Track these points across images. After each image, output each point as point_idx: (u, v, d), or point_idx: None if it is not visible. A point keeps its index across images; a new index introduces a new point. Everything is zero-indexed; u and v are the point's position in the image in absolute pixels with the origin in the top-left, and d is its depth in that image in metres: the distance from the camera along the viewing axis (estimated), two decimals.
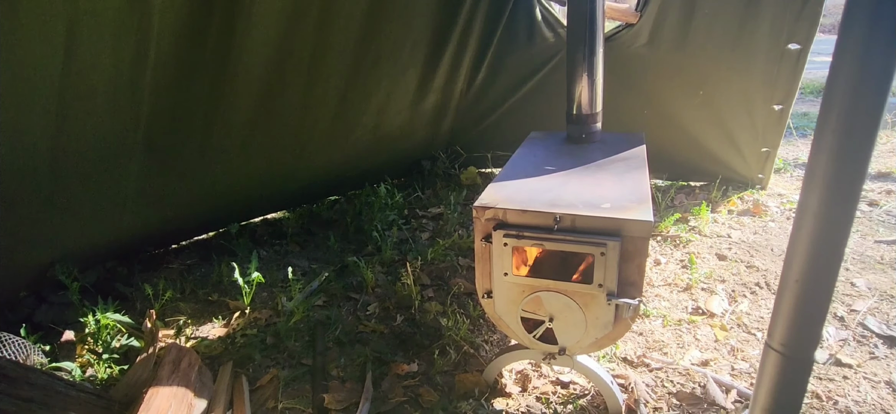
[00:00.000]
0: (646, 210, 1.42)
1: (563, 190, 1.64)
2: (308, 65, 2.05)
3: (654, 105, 2.70)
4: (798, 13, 2.14)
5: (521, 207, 1.49)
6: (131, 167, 1.87)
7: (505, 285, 1.55)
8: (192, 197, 2.32)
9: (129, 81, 1.57)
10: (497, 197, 1.58)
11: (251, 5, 1.66)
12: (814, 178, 1.06)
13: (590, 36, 1.96)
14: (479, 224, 1.54)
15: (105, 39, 1.40)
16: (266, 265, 2.66)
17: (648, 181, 1.69)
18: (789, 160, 3.79)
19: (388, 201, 2.95)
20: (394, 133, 2.80)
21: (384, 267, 2.57)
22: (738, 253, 2.56)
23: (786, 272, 1.14)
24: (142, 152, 1.85)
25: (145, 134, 1.79)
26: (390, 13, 2.08)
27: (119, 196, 1.94)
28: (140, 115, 1.71)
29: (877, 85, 0.92)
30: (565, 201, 1.53)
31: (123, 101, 1.61)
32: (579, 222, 1.43)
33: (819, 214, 1.05)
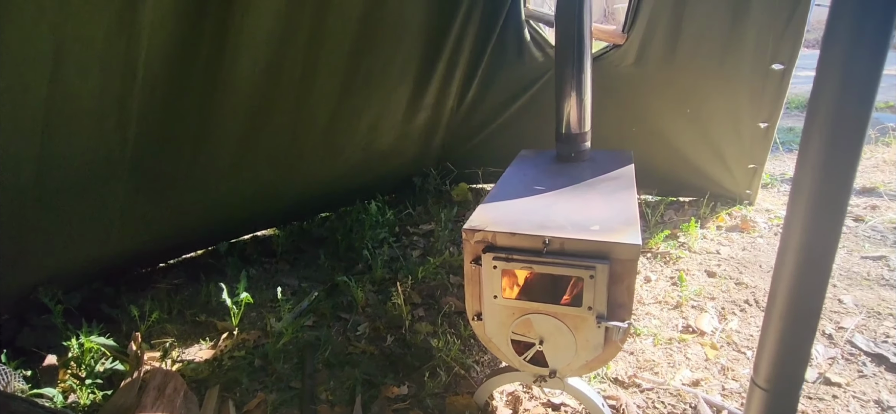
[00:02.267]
0: (634, 232, 1.42)
1: (553, 211, 1.65)
2: (298, 84, 2.05)
3: (642, 122, 2.73)
4: (781, 34, 2.19)
5: (510, 229, 1.49)
6: (118, 188, 1.85)
7: (495, 308, 1.55)
8: (180, 217, 2.30)
9: (116, 103, 1.56)
10: (486, 219, 1.59)
11: (241, 26, 1.67)
12: (799, 196, 1.04)
13: (578, 57, 1.98)
14: (468, 246, 1.54)
15: (92, 63, 1.39)
16: (255, 284, 2.63)
17: (636, 202, 1.70)
18: (776, 175, 3.84)
19: (379, 219, 2.94)
20: (385, 150, 2.80)
21: (375, 286, 2.56)
22: (727, 269, 2.58)
23: (770, 308, 1.15)
24: (129, 173, 1.83)
25: (133, 154, 1.77)
26: (381, 33, 2.10)
27: (105, 217, 1.92)
28: (127, 136, 1.69)
29: (860, 99, 0.93)
30: (554, 223, 1.53)
31: (110, 123, 1.60)
32: (568, 245, 1.43)
33: (803, 244, 1.05)
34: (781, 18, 2.14)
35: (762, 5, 2.14)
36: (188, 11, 1.53)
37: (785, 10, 2.12)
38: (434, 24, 2.23)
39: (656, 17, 2.25)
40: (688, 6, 2.21)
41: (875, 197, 3.36)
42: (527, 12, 2.50)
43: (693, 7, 2.21)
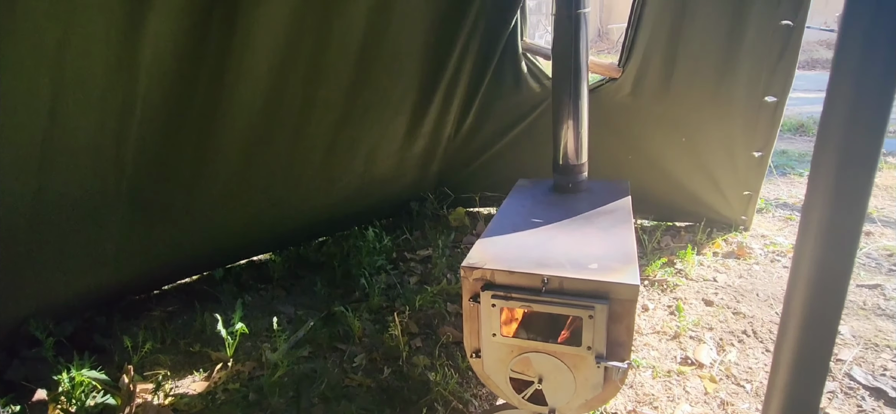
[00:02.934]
0: (632, 272, 1.42)
1: (551, 247, 1.65)
2: (297, 116, 2.06)
3: (638, 151, 2.76)
4: (773, 68, 2.23)
5: (508, 267, 1.49)
6: (113, 219, 1.84)
7: (493, 346, 1.54)
8: (176, 246, 2.29)
9: (114, 138, 1.56)
10: (485, 256, 1.58)
11: (240, 62, 1.68)
12: (809, 229, 1.01)
13: (574, 90, 2.00)
14: (466, 284, 1.54)
15: (91, 102, 1.39)
16: (251, 311, 2.60)
17: (634, 236, 1.71)
18: (770, 200, 3.87)
19: (376, 245, 2.93)
20: (382, 177, 2.81)
21: (372, 314, 2.54)
22: (724, 298, 2.58)
23: (777, 357, 1.13)
24: (125, 205, 1.82)
25: (129, 187, 1.76)
26: (379, 66, 2.12)
27: (100, 249, 1.90)
28: (124, 170, 1.69)
29: (872, 125, 0.90)
30: (553, 260, 1.53)
31: (107, 157, 1.60)
32: (567, 284, 1.43)
33: (814, 280, 1.02)
34: (773, 54, 2.18)
35: (754, 42, 2.18)
36: (187, 50, 1.54)
37: (776, 46, 2.16)
38: (432, 57, 2.25)
39: (650, 53, 2.29)
40: (681, 42, 2.25)
41: (869, 222, 3.39)
42: (524, 46, 2.54)
43: (686, 43, 2.25)
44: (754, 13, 2.11)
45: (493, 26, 2.27)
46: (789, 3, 2.06)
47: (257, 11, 1.57)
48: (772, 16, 2.10)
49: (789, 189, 4.16)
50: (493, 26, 2.27)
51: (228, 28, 1.56)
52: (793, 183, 4.31)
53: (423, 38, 2.15)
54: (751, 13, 2.11)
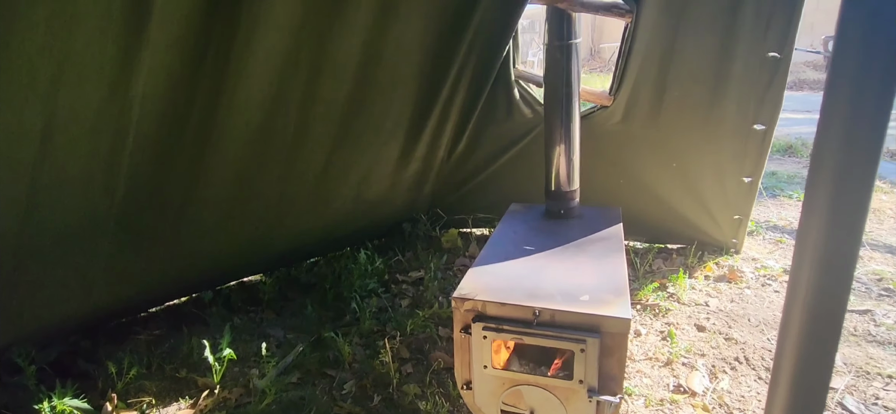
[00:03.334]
0: (624, 304, 1.42)
1: (543, 276, 1.65)
2: (290, 142, 2.06)
3: (629, 175, 2.78)
4: (761, 98, 2.27)
5: (500, 299, 1.48)
6: (102, 246, 1.81)
7: (484, 378, 1.52)
8: (165, 270, 2.26)
9: (105, 166, 1.54)
10: (476, 286, 1.58)
11: (235, 91, 1.68)
12: (804, 254, 0.99)
13: (566, 118, 2.02)
14: (458, 314, 1.53)
15: (83, 133, 1.38)
16: (239, 334, 2.56)
17: (626, 266, 1.71)
18: (760, 222, 3.90)
19: (368, 268, 2.91)
20: (375, 199, 2.80)
21: (362, 339, 2.51)
22: (716, 323, 2.58)
23: (774, 383, 1.11)
24: (114, 231, 1.80)
25: (119, 214, 1.74)
26: (373, 93, 2.13)
27: (87, 276, 1.87)
28: (115, 197, 1.67)
29: (867, 146, 0.90)
30: (545, 292, 1.53)
31: (97, 186, 1.58)
32: (559, 317, 1.42)
33: (810, 304, 1.00)
34: (761, 84, 2.23)
35: (742, 73, 2.23)
36: (182, 80, 1.54)
37: (764, 77, 2.20)
38: (426, 84, 2.27)
39: (641, 82, 2.33)
40: (671, 73, 2.29)
41: None
42: (516, 73, 2.57)
43: (676, 73, 2.29)
44: (742, 46, 2.15)
45: (486, 55, 2.30)
46: (776, 37, 2.11)
47: (252, 45, 1.58)
48: (759, 48, 2.14)
49: (779, 211, 4.20)
50: (486, 55, 2.30)
51: (223, 60, 1.56)
52: (782, 205, 4.36)
53: (418, 66, 2.17)
54: (739, 46, 2.15)
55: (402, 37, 1.94)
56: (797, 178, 5.08)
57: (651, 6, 2.08)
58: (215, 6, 1.41)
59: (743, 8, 2.06)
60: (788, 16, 2.06)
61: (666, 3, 2.08)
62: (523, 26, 2.31)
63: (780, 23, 2.08)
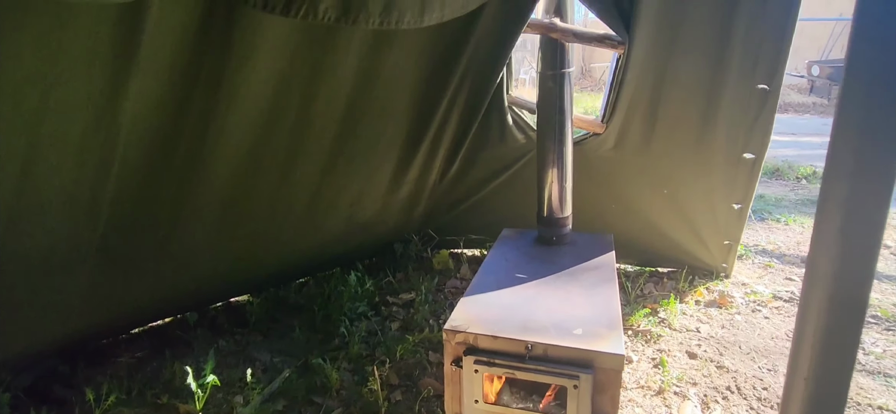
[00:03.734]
0: (617, 339, 1.41)
1: (535, 307, 1.63)
2: (281, 166, 2.03)
3: (620, 200, 2.79)
4: (750, 128, 2.31)
5: (492, 332, 1.46)
6: (83, 271, 1.76)
7: (475, 412, 1.49)
8: (149, 292, 2.20)
9: (88, 194, 1.50)
10: (468, 317, 1.55)
11: (225, 117, 1.65)
12: (815, 288, 0.96)
13: (559, 146, 2.03)
14: (449, 347, 1.50)
15: (67, 159, 1.34)
16: (224, 358, 2.50)
17: (618, 296, 1.70)
18: (749, 246, 3.93)
19: (357, 290, 2.86)
20: (366, 221, 2.77)
21: (351, 364, 2.46)
22: (708, 350, 2.58)
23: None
24: (96, 256, 1.75)
25: (103, 239, 1.69)
26: (366, 119, 2.12)
27: (68, 300, 1.81)
28: (98, 222, 1.62)
29: (881, 172, 0.87)
30: (537, 324, 1.51)
31: (80, 212, 1.53)
32: (552, 351, 1.40)
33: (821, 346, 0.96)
34: (750, 115, 2.26)
35: (732, 104, 2.26)
36: (171, 105, 1.51)
37: (753, 108, 2.24)
38: (419, 110, 2.27)
39: (633, 111, 2.36)
40: (662, 102, 2.32)
41: None
42: (509, 99, 2.58)
43: (667, 103, 2.33)
44: (732, 78, 2.18)
45: (480, 81, 2.30)
46: (765, 69, 2.14)
47: (244, 71, 1.55)
48: (748, 80, 2.18)
49: (767, 235, 4.24)
50: (480, 81, 2.30)
51: (215, 85, 1.53)
52: (771, 229, 4.40)
53: (412, 92, 2.17)
54: (728, 78, 2.19)
55: (397, 64, 1.94)
56: (784, 202, 5.15)
57: (643, 38, 2.11)
58: (207, 32, 1.39)
59: (733, 41, 2.10)
60: (777, 49, 2.10)
61: (657, 35, 2.11)
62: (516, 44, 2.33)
63: (769, 56, 2.12)
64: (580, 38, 2.02)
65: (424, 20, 1.51)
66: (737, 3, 2.02)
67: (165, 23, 1.28)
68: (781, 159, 6.51)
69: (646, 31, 2.08)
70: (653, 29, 2.09)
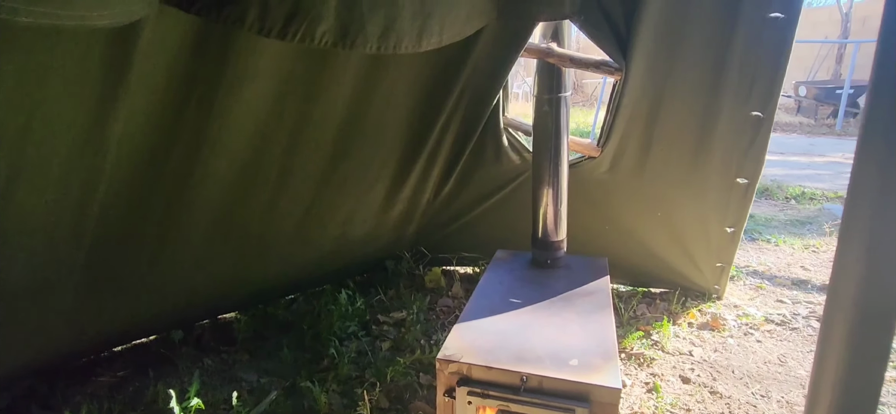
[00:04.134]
0: (614, 371, 1.38)
1: (530, 335, 1.60)
2: (273, 186, 2.00)
3: (615, 222, 2.79)
4: (744, 154, 2.32)
5: (486, 362, 1.43)
6: (66, 292, 1.70)
7: None
8: (134, 310, 2.14)
9: (73, 213, 1.45)
10: (461, 345, 1.52)
11: (218, 137, 1.62)
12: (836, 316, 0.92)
13: (554, 170, 2.02)
14: (441, 377, 1.47)
15: (50, 182, 1.30)
16: (210, 377, 2.44)
17: (614, 323, 1.68)
18: (741, 267, 3.95)
19: (348, 309, 2.82)
20: (358, 239, 2.74)
21: (340, 386, 2.40)
22: (701, 375, 2.56)
23: None
24: (81, 274, 1.70)
25: (87, 260, 1.64)
26: (360, 140, 2.10)
27: (48, 323, 1.75)
28: (83, 241, 1.57)
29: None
30: (532, 354, 1.49)
31: (64, 234, 1.48)
32: (547, 384, 1.38)
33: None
34: (744, 141, 2.28)
35: (726, 130, 2.28)
36: (161, 126, 1.48)
37: (747, 133, 2.26)
38: (413, 132, 2.25)
39: (628, 135, 2.37)
40: (657, 128, 2.34)
41: None
42: (505, 121, 2.58)
43: (662, 128, 2.34)
44: (726, 105, 2.20)
45: (475, 104, 2.30)
46: (759, 96, 2.16)
47: (238, 92, 1.53)
48: (743, 107, 2.20)
49: (758, 256, 4.26)
50: (475, 104, 2.30)
51: (207, 105, 1.50)
52: (761, 249, 4.43)
53: (407, 114, 2.15)
54: (723, 104, 2.20)
55: (393, 86, 1.92)
56: (774, 222, 5.19)
57: (640, 65, 2.12)
58: (201, 55, 1.36)
59: (728, 69, 2.12)
60: (772, 77, 2.12)
61: (654, 62, 2.12)
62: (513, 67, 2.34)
63: (763, 83, 2.14)
64: (577, 63, 2.02)
65: (422, 45, 1.49)
66: (733, 32, 2.04)
67: (159, 44, 1.25)
68: (770, 179, 6.59)
69: (642, 59, 2.09)
70: (649, 56, 2.10)
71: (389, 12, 1.41)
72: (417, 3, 1.46)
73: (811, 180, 6.65)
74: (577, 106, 13.76)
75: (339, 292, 2.92)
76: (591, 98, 14.54)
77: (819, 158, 8.17)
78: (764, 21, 1.98)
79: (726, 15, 2.01)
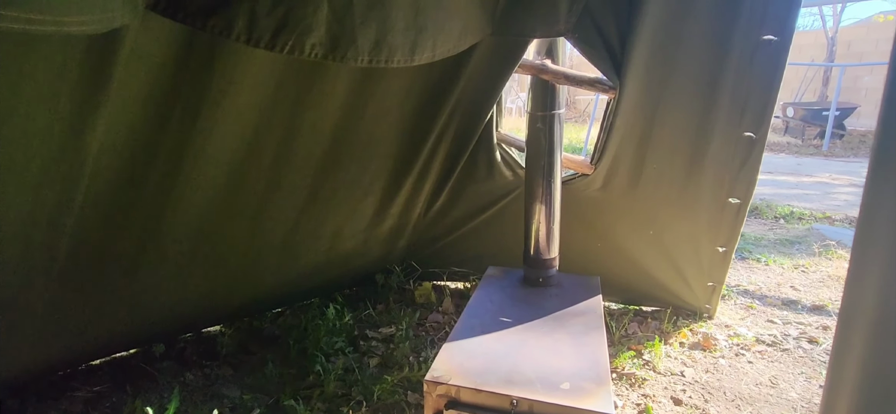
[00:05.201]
0: (606, 397, 1.35)
1: (521, 356, 1.56)
2: (260, 199, 1.95)
3: (606, 240, 2.78)
4: (736, 174, 2.33)
5: (475, 385, 1.39)
6: (40, 303, 1.64)
7: None
8: (112, 323, 2.07)
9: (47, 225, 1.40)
10: (450, 367, 1.48)
11: (202, 147, 1.58)
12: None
13: (547, 187, 2.00)
14: (429, 399, 1.42)
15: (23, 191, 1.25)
16: (190, 394, 2.36)
17: (606, 345, 1.65)
18: (731, 286, 3.95)
19: (335, 324, 2.76)
20: (347, 253, 2.69)
21: (325, 404, 2.34)
22: (692, 396, 2.53)
23: None
24: (55, 288, 1.63)
25: (62, 271, 1.58)
26: (351, 153, 2.07)
27: (21, 332, 1.68)
28: (57, 257, 1.52)
29: None
30: (523, 376, 1.45)
31: (37, 245, 1.43)
32: (537, 408, 1.34)
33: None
34: (736, 161, 2.28)
35: (718, 150, 2.29)
36: (143, 137, 1.43)
37: (740, 154, 2.26)
38: (405, 145, 2.23)
39: (621, 155, 2.37)
40: (650, 147, 2.34)
41: (824, 315, 3.47)
42: (498, 136, 2.57)
43: (654, 148, 2.35)
44: (719, 125, 2.21)
45: (468, 119, 2.29)
46: (752, 118, 2.17)
47: (223, 105, 1.49)
48: (735, 128, 2.20)
49: (748, 275, 4.27)
50: (468, 119, 2.29)
51: (192, 116, 1.47)
52: (751, 268, 4.44)
53: (398, 128, 2.13)
54: (716, 125, 2.21)
55: (385, 99, 1.90)
56: (764, 241, 5.22)
57: (634, 84, 2.12)
58: (186, 64, 1.33)
59: (721, 90, 2.12)
60: (765, 99, 2.13)
61: (648, 82, 2.13)
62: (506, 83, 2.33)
63: (756, 105, 2.15)
64: (571, 80, 2.01)
65: (415, 59, 1.47)
66: (726, 54, 2.05)
67: (142, 53, 1.22)
68: (759, 198, 6.64)
69: (637, 78, 2.10)
70: (644, 75, 2.10)
71: (381, 26, 1.39)
72: (410, 17, 1.44)
73: (799, 200, 6.72)
74: (570, 122, 13.85)
75: (326, 306, 2.86)
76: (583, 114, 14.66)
77: (807, 178, 8.28)
78: (757, 43, 1.99)
79: (720, 36, 2.03)
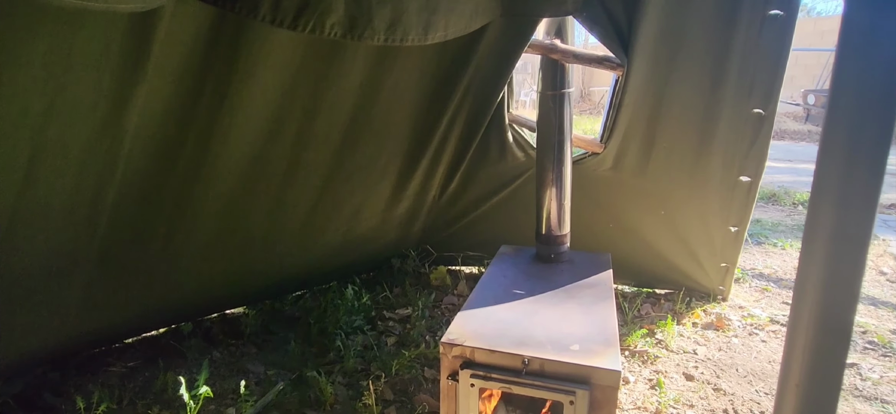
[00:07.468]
0: (614, 356, 1.41)
1: (532, 323, 1.63)
2: (281, 178, 2.05)
3: (618, 220, 2.81)
4: (746, 152, 2.34)
5: (489, 346, 1.46)
6: (79, 279, 1.76)
7: None
8: (145, 301, 2.19)
9: (90, 199, 1.51)
10: (465, 331, 1.55)
11: (230, 127, 1.67)
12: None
13: (558, 165, 2.05)
14: (445, 360, 1.50)
15: (70, 165, 1.36)
16: (218, 369, 2.48)
17: (615, 315, 1.70)
18: (746, 270, 3.94)
19: (354, 304, 2.85)
20: (364, 236, 2.78)
21: (345, 378, 2.44)
22: (704, 373, 2.56)
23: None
24: (94, 263, 1.75)
25: (101, 247, 1.70)
26: (367, 134, 2.15)
27: (62, 308, 1.80)
28: (97, 229, 1.63)
29: (864, 198, 0.89)
30: (534, 339, 1.51)
31: (81, 218, 1.54)
32: (548, 366, 1.40)
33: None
34: (746, 139, 2.30)
35: (728, 128, 2.30)
36: (176, 114, 1.53)
37: (749, 132, 2.28)
38: (420, 127, 2.30)
39: (631, 133, 2.40)
40: (659, 125, 2.36)
41: None
42: (510, 117, 2.62)
43: (664, 126, 2.37)
44: (728, 102, 2.22)
45: (481, 100, 2.34)
46: (760, 94, 2.19)
47: (249, 84, 1.58)
48: (744, 105, 2.22)
49: (764, 259, 4.25)
50: (481, 100, 2.34)
51: (220, 95, 1.56)
52: (768, 253, 4.41)
53: (413, 109, 2.20)
54: (725, 102, 2.23)
55: (399, 80, 1.97)
56: (781, 227, 5.17)
57: (642, 62, 2.15)
58: (215, 44, 1.42)
59: (729, 67, 2.14)
60: (772, 75, 2.14)
61: (655, 59, 2.15)
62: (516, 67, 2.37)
63: (764, 81, 2.16)
64: (580, 59, 2.06)
65: (428, 38, 1.54)
66: (733, 30, 2.07)
67: (176, 33, 1.31)
68: (778, 185, 6.57)
69: (644, 55, 2.13)
70: (651, 53, 2.13)
71: (396, 6, 1.47)
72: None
73: None
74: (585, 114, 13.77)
75: (345, 288, 2.96)
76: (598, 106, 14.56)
77: None
78: (763, 19, 2.01)
79: (727, 12, 2.04)
